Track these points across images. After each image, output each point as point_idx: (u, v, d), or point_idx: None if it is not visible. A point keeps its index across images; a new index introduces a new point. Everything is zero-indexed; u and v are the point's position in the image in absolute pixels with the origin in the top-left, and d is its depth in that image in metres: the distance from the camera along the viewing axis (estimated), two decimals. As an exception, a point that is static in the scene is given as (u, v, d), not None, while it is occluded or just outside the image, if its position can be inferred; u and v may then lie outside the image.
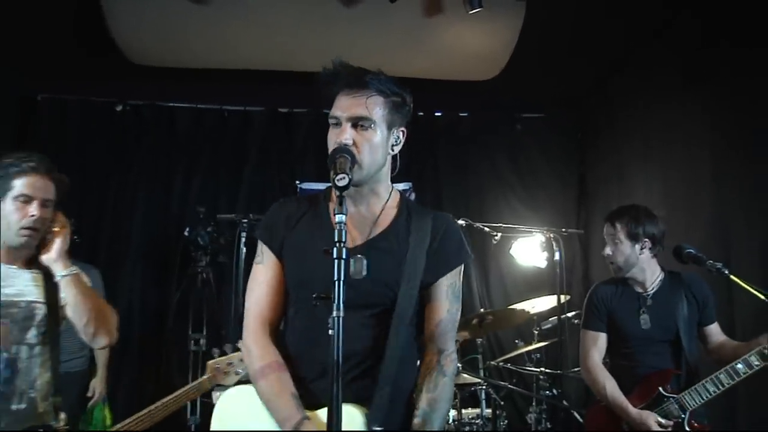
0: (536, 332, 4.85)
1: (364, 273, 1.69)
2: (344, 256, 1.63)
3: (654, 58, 4.98)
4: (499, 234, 4.60)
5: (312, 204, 2.04)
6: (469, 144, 6.13)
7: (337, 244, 1.64)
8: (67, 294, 2.50)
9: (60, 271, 2.50)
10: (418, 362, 2.00)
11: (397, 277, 1.90)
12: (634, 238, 3.18)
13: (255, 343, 1.93)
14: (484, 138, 6.14)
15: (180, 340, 5.27)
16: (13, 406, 2.39)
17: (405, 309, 1.89)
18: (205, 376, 3.27)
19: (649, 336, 3.15)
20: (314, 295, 1.76)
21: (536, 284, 5.35)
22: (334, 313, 1.58)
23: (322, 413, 1.79)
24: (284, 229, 1.99)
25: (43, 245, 2.54)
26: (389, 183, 2.04)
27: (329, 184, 1.93)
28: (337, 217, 1.67)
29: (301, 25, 4.73)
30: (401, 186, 5.92)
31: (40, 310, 2.49)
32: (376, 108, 1.92)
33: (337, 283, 1.61)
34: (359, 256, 1.71)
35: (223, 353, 3.35)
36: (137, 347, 5.38)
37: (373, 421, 1.79)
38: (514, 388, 3.85)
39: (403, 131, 2.02)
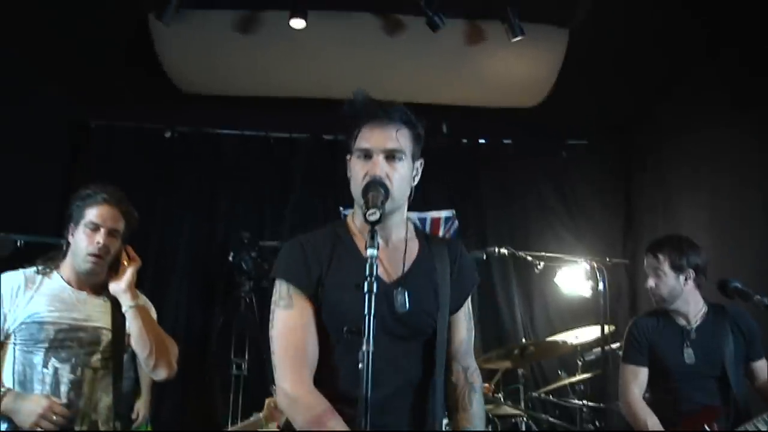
0: (580, 363, 4.74)
1: (407, 306, 1.79)
2: (375, 291, 1.63)
3: (702, 83, 4.90)
4: (542, 263, 4.53)
5: (334, 238, 1.99)
6: (514, 171, 6.08)
7: (368, 279, 1.64)
8: (132, 325, 2.58)
9: (128, 302, 2.58)
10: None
11: (435, 306, 1.93)
12: (678, 269, 3.10)
13: (299, 392, 1.83)
14: (529, 165, 6.09)
15: (223, 363, 5.32)
16: (76, 428, 2.46)
17: (444, 336, 1.94)
18: (261, 414, 3.27)
19: (693, 371, 3.04)
20: (345, 329, 1.76)
21: (581, 314, 5.23)
22: (364, 347, 1.59)
23: None
24: (317, 268, 1.91)
25: (112, 275, 2.63)
26: (405, 214, 2.04)
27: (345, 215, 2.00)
28: (369, 251, 1.67)
29: (345, 53, 4.81)
30: (444, 213, 5.91)
31: (106, 336, 2.59)
32: (404, 140, 1.94)
33: (367, 317, 1.61)
34: (400, 288, 1.78)
35: None
36: (181, 369, 5.40)
37: None
38: (554, 420, 3.77)
39: (421, 162, 2.03)
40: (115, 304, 2.61)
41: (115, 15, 4.50)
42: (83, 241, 2.55)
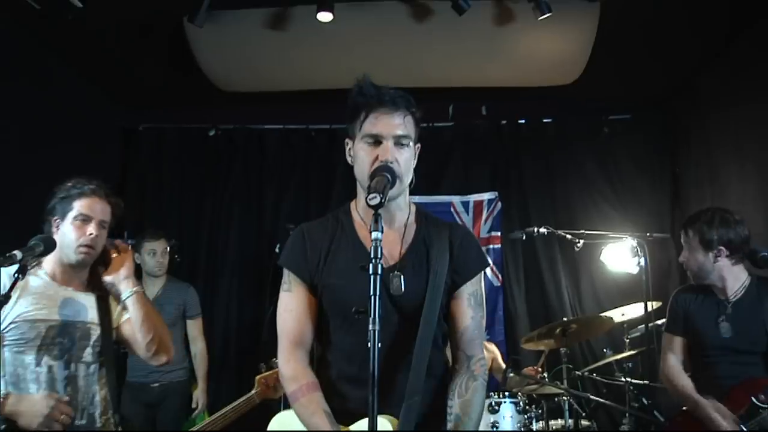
0: (627, 341, 4.71)
1: (403, 290, 1.85)
2: (380, 272, 1.70)
3: (745, 52, 4.74)
4: (582, 241, 4.51)
5: (336, 224, 2.09)
6: (555, 150, 6.00)
7: (374, 261, 1.70)
8: (135, 311, 2.61)
9: (129, 289, 2.63)
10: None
11: (423, 290, 1.97)
12: (707, 245, 3.04)
13: (288, 367, 2.00)
14: (571, 143, 6.00)
15: (273, 352, 5.44)
16: (76, 422, 2.46)
17: (429, 319, 1.95)
18: (253, 391, 3.39)
19: (730, 345, 2.99)
20: (354, 309, 1.85)
21: (629, 290, 5.14)
22: (370, 327, 1.65)
23: (355, 427, 1.91)
24: (315, 256, 2.02)
25: (101, 269, 2.66)
26: (408, 197, 2.10)
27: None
28: (373, 234, 1.73)
29: (377, 43, 4.83)
30: (487, 196, 5.90)
31: (95, 331, 2.58)
32: (410, 126, 2.02)
33: (373, 298, 1.68)
34: (396, 272, 1.84)
35: (270, 368, 3.44)
36: (235, 359, 5.64)
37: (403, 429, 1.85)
38: (596, 398, 3.75)
39: (419, 146, 2.09)
40: (100, 298, 2.63)
41: (153, 24, 4.69)
42: (73, 233, 2.53)
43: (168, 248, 4.75)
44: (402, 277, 1.83)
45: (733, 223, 3.05)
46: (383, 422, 1.85)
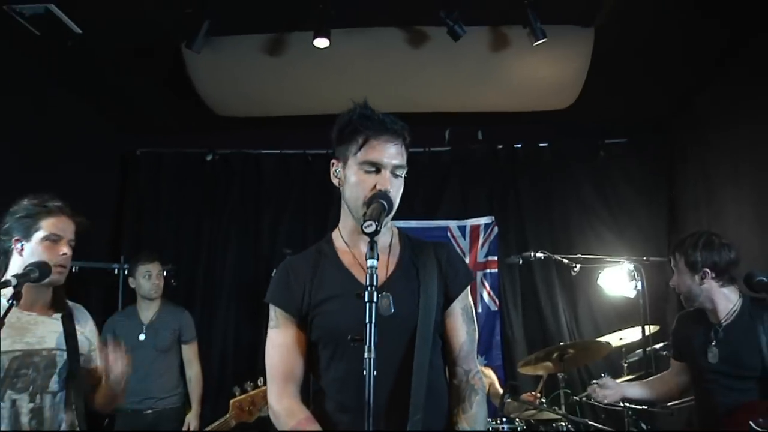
0: (625, 365, 4.68)
1: (392, 310, 1.80)
2: (375, 300, 1.69)
3: (741, 73, 4.76)
4: (578, 265, 4.51)
5: (319, 255, 2.08)
6: (552, 174, 6.03)
7: (369, 288, 1.69)
8: (108, 392, 2.54)
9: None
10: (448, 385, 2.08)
11: (414, 309, 1.96)
12: (692, 267, 3.03)
13: (280, 405, 1.96)
14: (567, 167, 6.03)
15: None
16: None
17: (425, 337, 1.94)
18: (227, 415, 3.36)
19: (722, 371, 2.95)
20: (349, 337, 1.81)
21: (627, 315, 5.15)
22: (366, 354, 1.64)
23: None
24: (300, 289, 2.00)
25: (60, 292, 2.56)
26: (390, 221, 2.08)
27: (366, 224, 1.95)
28: (369, 262, 1.73)
29: (373, 68, 4.86)
30: (484, 220, 5.91)
31: (61, 358, 2.46)
32: (404, 155, 2.02)
33: (368, 325, 1.67)
34: (385, 293, 1.79)
35: (243, 391, 3.41)
36: (232, 383, 5.57)
37: None
38: (594, 424, 3.73)
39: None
40: (65, 318, 2.52)
41: (151, 49, 4.72)
42: (44, 254, 2.42)
43: (164, 271, 4.75)
44: (391, 297, 1.80)
45: (717, 246, 3.03)
46: None
